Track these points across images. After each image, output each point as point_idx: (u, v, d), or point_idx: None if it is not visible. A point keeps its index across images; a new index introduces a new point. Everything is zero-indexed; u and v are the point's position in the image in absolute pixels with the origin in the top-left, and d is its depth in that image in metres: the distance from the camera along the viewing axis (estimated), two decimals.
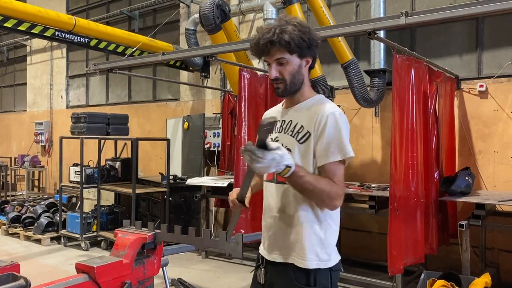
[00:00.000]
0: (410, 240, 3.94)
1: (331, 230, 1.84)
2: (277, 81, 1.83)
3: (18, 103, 12.24)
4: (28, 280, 1.48)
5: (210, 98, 7.60)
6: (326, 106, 1.82)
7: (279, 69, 1.80)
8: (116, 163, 7.28)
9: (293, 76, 1.81)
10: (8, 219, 7.44)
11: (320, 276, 1.79)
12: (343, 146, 1.74)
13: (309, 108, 1.85)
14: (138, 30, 8.69)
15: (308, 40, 1.78)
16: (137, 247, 1.56)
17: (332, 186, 1.71)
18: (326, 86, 5.29)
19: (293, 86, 1.83)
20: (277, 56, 1.79)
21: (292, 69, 1.80)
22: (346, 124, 1.79)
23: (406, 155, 3.92)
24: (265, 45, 1.77)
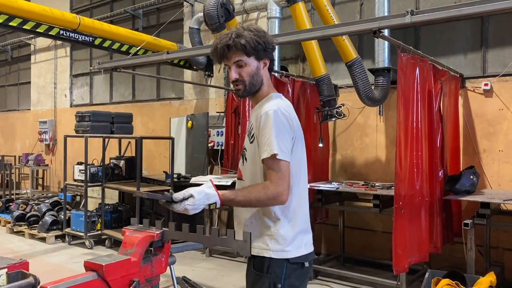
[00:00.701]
0: (414, 239, 3.94)
1: (282, 224, 1.89)
2: (237, 82, 1.94)
3: (22, 102, 12.28)
4: (37, 278, 1.49)
5: (213, 97, 7.61)
6: (265, 105, 1.91)
7: (238, 71, 1.92)
8: (120, 161, 7.29)
9: (252, 77, 1.92)
10: (13, 218, 7.47)
11: (273, 264, 1.86)
12: (270, 143, 1.80)
13: (259, 108, 1.97)
14: (142, 29, 8.71)
15: (264, 43, 1.90)
16: (145, 245, 1.57)
17: (267, 188, 1.79)
18: (330, 85, 5.28)
19: (252, 87, 1.95)
20: (235, 59, 1.90)
21: (251, 70, 1.92)
22: (280, 121, 1.84)
23: (411, 153, 3.92)
24: (222, 49, 1.90)
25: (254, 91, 1.96)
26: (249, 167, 1.97)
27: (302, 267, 1.92)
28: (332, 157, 6.13)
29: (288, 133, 1.85)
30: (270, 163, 1.81)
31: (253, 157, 1.93)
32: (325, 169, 5.90)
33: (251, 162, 1.95)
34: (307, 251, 1.94)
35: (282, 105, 1.90)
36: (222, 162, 6.86)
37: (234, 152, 6.55)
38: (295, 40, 3.96)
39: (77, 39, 5.55)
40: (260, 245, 1.88)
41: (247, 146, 1.99)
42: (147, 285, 1.56)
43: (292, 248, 1.88)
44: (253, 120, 1.96)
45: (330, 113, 5.22)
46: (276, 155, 1.78)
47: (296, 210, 1.92)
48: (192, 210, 1.71)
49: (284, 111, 1.87)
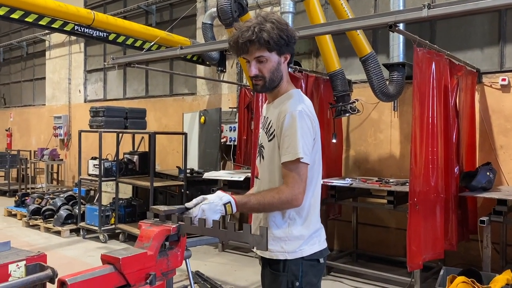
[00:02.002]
0: (429, 236, 3.90)
1: (296, 225, 1.86)
2: (257, 78, 1.86)
3: (37, 97, 12.44)
4: (55, 270, 1.51)
5: (226, 93, 7.61)
6: (288, 104, 1.84)
7: (258, 67, 1.84)
8: (134, 156, 7.35)
9: (272, 73, 1.85)
10: (29, 211, 7.58)
11: (289, 263, 1.85)
12: (294, 147, 1.75)
13: (279, 104, 1.90)
14: (155, 24, 8.73)
15: (287, 38, 1.82)
16: (161, 239, 1.57)
17: (281, 193, 1.75)
18: (344, 80, 5.23)
19: (272, 83, 1.88)
20: (256, 54, 1.81)
21: (271, 66, 1.84)
22: (304, 123, 1.79)
23: (426, 149, 3.87)
24: (244, 44, 1.80)
25: (273, 87, 1.89)
26: (266, 165, 1.92)
27: (318, 263, 1.90)
28: (346, 153, 6.09)
29: (311, 135, 1.81)
30: (292, 166, 1.76)
31: (271, 156, 1.88)
32: (338, 165, 5.87)
33: (269, 160, 1.90)
34: (321, 247, 1.92)
35: (306, 105, 1.85)
36: (235, 158, 6.87)
37: (246, 147, 6.56)
38: (309, 35, 3.93)
39: (92, 35, 5.59)
40: (275, 248, 1.86)
41: (264, 143, 1.93)
42: (163, 278, 1.57)
43: (307, 246, 1.87)
44: (273, 118, 1.89)
45: (344, 108, 5.19)
46: (300, 159, 1.75)
47: (310, 209, 1.89)
48: (209, 211, 1.66)
49: (308, 112, 1.83)
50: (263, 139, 1.96)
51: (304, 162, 1.76)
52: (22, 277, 1.48)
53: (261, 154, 1.97)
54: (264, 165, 1.95)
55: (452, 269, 4.04)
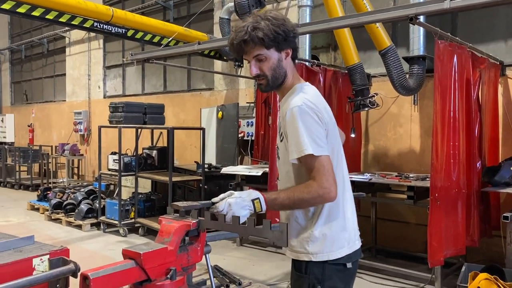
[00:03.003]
0: (450, 232, 3.84)
1: (319, 224, 1.78)
2: (259, 78, 1.82)
3: (58, 93, 12.64)
4: (77, 265, 1.53)
5: (243, 87, 7.60)
6: (290, 101, 1.78)
7: (258, 66, 1.80)
8: (153, 151, 7.41)
9: (274, 70, 1.80)
10: (51, 205, 7.73)
11: (311, 265, 1.78)
12: (299, 143, 1.69)
13: (285, 102, 1.85)
14: (173, 20, 8.77)
15: (284, 33, 1.76)
16: (181, 234, 1.58)
17: (310, 187, 1.67)
18: (363, 74, 5.17)
19: (275, 81, 1.82)
20: (254, 53, 1.78)
21: (272, 64, 1.79)
22: (307, 117, 1.71)
23: (448, 144, 3.80)
24: (239, 45, 1.77)
25: (277, 84, 1.84)
26: (282, 165, 1.89)
27: (345, 267, 1.80)
28: (365, 147, 6.03)
29: (320, 125, 1.72)
30: (309, 162, 1.68)
31: (284, 156, 1.83)
32: (357, 160, 5.82)
33: (283, 160, 1.86)
34: (350, 250, 1.81)
35: (307, 98, 1.76)
36: (252, 153, 6.87)
37: (264, 142, 6.55)
38: (328, 28, 3.89)
39: (110, 31, 5.64)
40: (298, 249, 1.81)
41: (278, 144, 1.92)
42: (183, 273, 1.57)
43: (333, 249, 1.78)
44: (280, 117, 1.86)
45: (363, 102, 5.13)
46: (312, 155, 1.66)
47: (334, 207, 1.79)
48: (236, 205, 1.60)
49: (310, 105, 1.73)
50: (278, 139, 1.94)
51: (320, 154, 1.67)
52: (45, 271, 1.51)
53: (277, 153, 1.95)
54: (280, 166, 1.92)
55: (474, 265, 3.97)
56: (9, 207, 9.02)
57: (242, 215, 1.59)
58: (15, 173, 11.46)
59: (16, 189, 11.34)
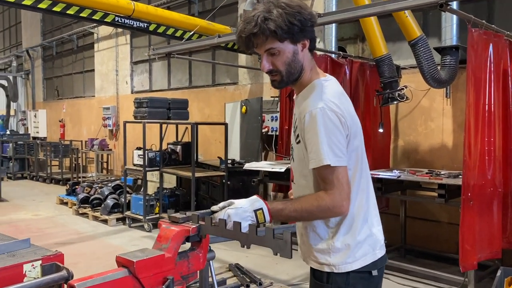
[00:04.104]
0: (485, 233, 3.59)
1: (340, 234, 1.64)
2: (272, 74, 1.63)
3: (87, 89, 12.85)
4: (70, 271, 1.43)
5: (268, 81, 7.38)
6: (309, 100, 1.59)
7: (271, 60, 1.60)
8: (177, 147, 7.39)
9: (289, 65, 1.60)
10: (78, 200, 7.83)
11: (335, 276, 1.65)
12: (318, 151, 1.52)
13: (302, 100, 1.65)
14: (198, 14, 8.69)
15: (299, 22, 1.54)
16: (180, 240, 1.46)
17: (320, 200, 1.53)
18: (392, 66, 4.93)
19: (290, 76, 1.63)
20: (266, 47, 1.57)
21: (286, 58, 1.59)
22: (328, 121, 1.53)
23: (482, 140, 3.54)
24: (248, 39, 1.56)
25: (293, 80, 1.64)
26: (297, 167, 1.73)
27: (370, 275, 1.66)
28: (394, 143, 5.78)
29: (341, 132, 1.54)
30: (323, 173, 1.53)
31: (300, 158, 1.67)
32: (385, 156, 5.57)
33: (298, 162, 1.70)
34: (374, 257, 1.66)
35: (329, 99, 1.57)
36: (277, 148, 6.72)
37: (288, 138, 6.38)
38: (353, 17, 3.69)
39: (132, 25, 5.59)
40: (318, 259, 1.67)
41: (293, 144, 1.72)
42: (182, 282, 1.46)
43: (357, 257, 1.64)
44: (297, 116, 1.68)
45: (392, 96, 4.89)
46: (329, 165, 1.51)
47: (357, 214, 1.65)
48: (236, 216, 1.48)
49: (332, 107, 1.55)
50: (292, 139, 1.74)
51: (337, 165, 1.51)
52: (37, 277, 1.43)
53: (291, 154, 1.77)
54: (295, 168, 1.75)
55: (511, 269, 3.70)
56: (40, 201, 9.23)
57: (242, 226, 1.45)
58: (47, 167, 11.73)
59: (48, 183, 11.62)
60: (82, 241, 6.24)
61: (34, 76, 15.22)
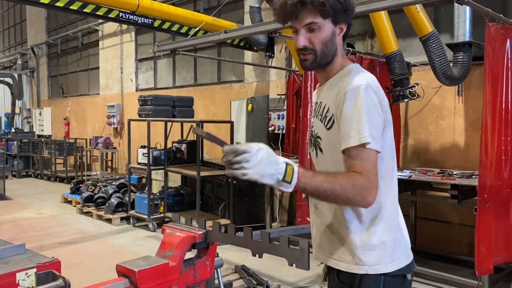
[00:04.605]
0: (501, 236, 3.47)
1: (378, 228, 1.50)
2: (306, 52, 1.52)
3: (92, 87, 12.77)
4: (67, 280, 1.32)
5: (274, 79, 7.33)
6: (349, 79, 1.49)
7: (309, 37, 1.50)
8: (182, 145, 7.29)
9: (325, 45, 1.51)
10: (82, 199, 7.76)
11: (367, 279, 1.49)
12: (360, 129, 1.39)
13: (335, 83, 1.55)
14: (203, 10, 8.58)
15: (344, 2, 1.49)
16: (185, 247, 1.35)
17: (354, 178, 1.36)
18: (403, 62, 4.79)
19: (324, 58, 1.53)
20: (307, 21, 1.48)
21: (325, 36, 1.50)
22: (371, 101, 1.43)
23: (499, 139, 3.41)
24: (294, 6, 1.46)
25: (325, 63, 1.55)
26: (329, 158, 1.56)
27: (404, 279, 1.54)
28: (404, 142, 5.64)
29: (380, 116, 1.44)
30: (358, 153, 1.40)
31: (334, 146, 1.51)
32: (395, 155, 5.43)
33: (331, 152, 1.54)
34: (408, 259, 1.56)
35: (371, 80, 1.49)
36: (283, 147, 6.61)
37: (295, 136, 6.27)
38: (363, 11, 3.55)
39: (136, 21, 5.48)
40: (348, 258, 1.51)
41: (321, 133, 1.58)
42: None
43: (393, 258, 1.51)
44: (329, 101, 1.55)
45: (402, 93, 4.76)
46: (367, 144, 1.39)
47: (392, 210, 1.54)
48: (267, 155, 1.28)
49: (375, 88, 1.47)
50: (318, 128, 1.61)
51: (373, 148, 1.40)
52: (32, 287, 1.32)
53: (317, 146, 1.62)
54: (324, 159, 1.59)
55: None
56: (44, 199, 9.17)
57: (268, 172, 1.28)
58: (51, 165, 11.67)
59: (52, 181, 11.56)
60: (85, 241, 6.15)
61: (39, 74, 15.17)
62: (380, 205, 1.50)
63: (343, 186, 1.35)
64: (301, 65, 1.58)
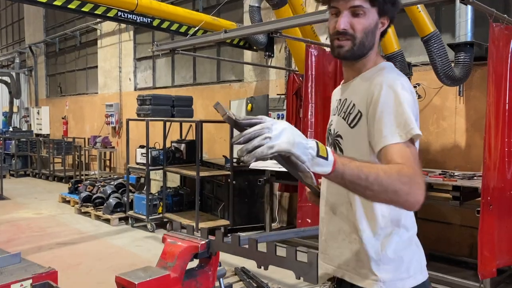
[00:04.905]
0: (504, 239, 3.43)
1: (392, 240, 1.38)
2: (344, 36, 1.38)
3: (90, 86, 12.70)
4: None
5: (274, 79, 7.29)
6: (384, 76, 1.37)
7: (351, 21, 1.38)
8: (181, 145, 7.24)
9: (366, 35, 1.39)
10: (80, 199, 7.70)
11: None
12: (405, 121, 1.26)
13: (367, 80, 1.43)
14: (202, 10, 8.52)
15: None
16: (187, 257, 1.31)
17: (401, 168, 1.16)
18: (404, 63, 4.77)
19: (361, 48, 1.41)
20: (355, 3, 1.36)
21: (368, 25, 1.38)
22: (412, 99, 1.32)
23: (503, 140, 3.38)
24: None
25: (360, 54, 1.42)
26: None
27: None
28: None
29: (414, 114, 1.31)
30: (402, 150, 1.24)
31: (358, 146, 1.38)
32: None
33: (354, 153, 1.38)
34: (425, 275, 1.44)
35: (406, 80, 1.38)
36: None
37: None
38: None
39: (135, 21, 5.43)
40: (362, 271, 1.39)
41: (343, 132, 1.46)
42: None
43: (410, 273, 1.39)
44: (357, 98, 1.42)
45: None
46: (415, 137, 1.26)
47: (412, 217, 1.44)
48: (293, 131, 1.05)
49: (411, 88, 1.36)
50: (339, 126, 1.48)
51: (416, 146, 1.30)
52: None
53: (337, 146, 1.48)
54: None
55: None
56: (42, 199, 9.11)
57: (298, 141, 1.03)
58: (49, 165, 11.61)
59: (51, 181, 11.50)
60: (84, 241, 6.11)
61: (37, 72, 15.09)
62: (400, 213, 1.38)
63: (388, 173, 1.12)
64: (333, 51, 1.44)
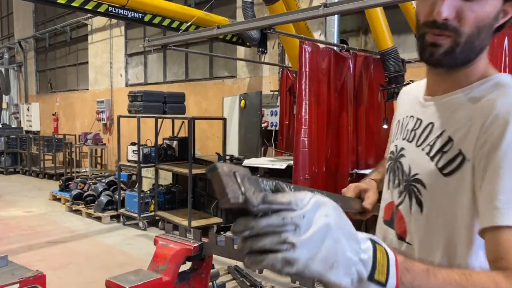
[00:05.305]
0: None
1: None
2: (445, 30, 0.94)
3: (81, 82, 12.56)
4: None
5: (267, 75, 7.24)
6: (505, 101, 0.92)
7: (459, 8, 0.93)
8: (173, 142, 7.17)
9: (479, 30, 0.94)
10: (71, 196, 7.61)
11: None
12: None
13: (473, 102, 0.97)
14: (194, 5, 8.44)
15: None
16: (180, 260, 1.26)
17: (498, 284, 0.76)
18: (398, 59, 4.73)
19: (467, 50, 0.96)
20: None
21: (484, 15, 0.93)
22: None
23: None
24: None
25: (462, 60, 0.98)
26: (433, 220, 1.01)
27: None
28: None
29: None
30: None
31: (450, 205, 0.97)
32: None
33: (444, 213, 0.98)
34: None
35: None
36: (276, 144, 6.53)
37: (288, 133, 6.20)
38: (361, 7, 3.47)
39: (126, 16, 5.35)
40: None
41: (428, 178, 1.02)
42: None
43: None
44: (452, 125, 1.00)
45: (397, 91, 4.69)
46: None
47: None
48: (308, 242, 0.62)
49: None
50: (419, 166, 1.04)
51: None
52: None
53: (413, 196, 1.05)
54: (426, 222, 1.02)
55: None
56: (32, 196, 9.00)
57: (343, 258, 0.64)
58: (40, 162, 11.48)
59: (41, 178, 11.38)
60: (74, 240, 6.03)
61: (27, 68, 14.90)
62: None
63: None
64: (422, 52, 1.01)
